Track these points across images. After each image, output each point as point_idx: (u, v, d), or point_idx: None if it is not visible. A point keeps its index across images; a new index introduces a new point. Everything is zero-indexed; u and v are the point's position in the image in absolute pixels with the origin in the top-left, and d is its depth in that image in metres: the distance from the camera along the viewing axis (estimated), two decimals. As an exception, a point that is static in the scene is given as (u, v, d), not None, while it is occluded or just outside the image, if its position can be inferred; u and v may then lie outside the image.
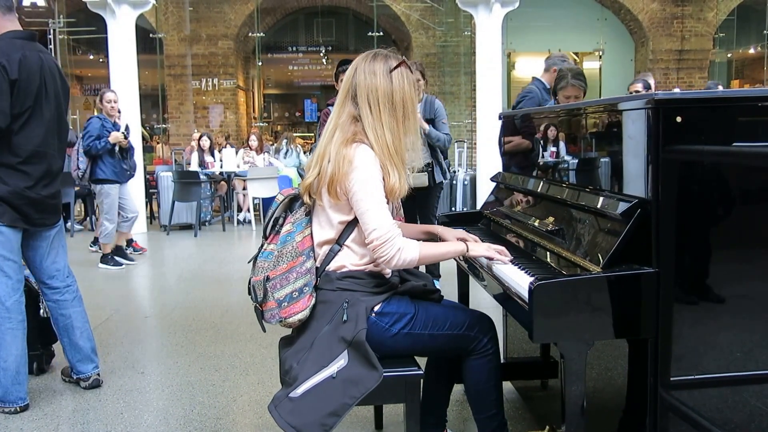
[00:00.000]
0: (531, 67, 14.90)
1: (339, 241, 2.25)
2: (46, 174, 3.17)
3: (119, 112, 6.92)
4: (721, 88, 6.49)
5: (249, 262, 2.35)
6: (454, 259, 2.59)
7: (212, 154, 10.58)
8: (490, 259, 2.31)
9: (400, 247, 2.15)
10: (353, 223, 2.22)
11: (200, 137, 10.70)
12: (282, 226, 2.30)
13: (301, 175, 4.97)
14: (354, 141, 2.18)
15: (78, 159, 6.67)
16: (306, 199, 2.28)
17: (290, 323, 2.22)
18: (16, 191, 3.07)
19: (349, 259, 2.24)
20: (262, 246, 2.33)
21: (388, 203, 2.21)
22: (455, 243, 2.38)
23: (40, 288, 3.43)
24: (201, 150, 10.53)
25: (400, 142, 2.23)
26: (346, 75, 2.29)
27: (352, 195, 2.16)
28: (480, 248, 2.34)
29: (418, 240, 2.32)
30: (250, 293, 2.29)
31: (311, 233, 2.29)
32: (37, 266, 3.34)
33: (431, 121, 5.13)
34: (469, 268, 2.62)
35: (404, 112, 2.24)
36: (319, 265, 2.27)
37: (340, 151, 2.17)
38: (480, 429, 2.34)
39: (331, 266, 2.25)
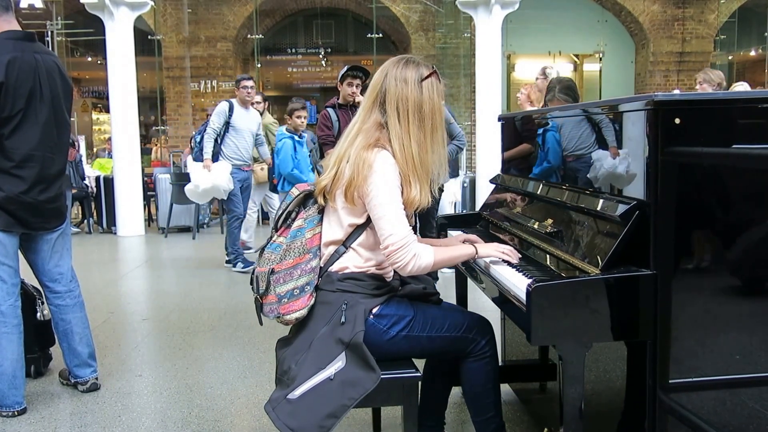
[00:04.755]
0: (531, 69, 14.93)
1: (345, 243, 2.24)
2: (43, 178, 3.12)
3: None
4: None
5: (255, 252, 2.34)
6: None
7: None
8: (499, 259, 2.29)
9: (416, 253, 2.14)
10: (362, 227, 2.22)
11: None
12: (294, 220, 2.29)
13: (319, 172, 5.03)
14: (376, 146, 2.17)
15: None
16: (320, 200, 2.28)
17: (287, 320, 2.22)
18: (10, 196, 3.03)
19: (352, 261, 2.24)
20: (271, 237, 2.32)
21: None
22: (465, 246, 2.37)
23: (43, 291, 3.41)
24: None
25: (427, 154, 2.20)
26: (375, 79, 2.26)
27: (369, 200, 2.14)
28: (489, 248, 2.32)
29: None
30: (252, 283, 2.28)
31: (321, 232, 2.29)
32: (39, 269, 3.32)
33: None
34: (468, 271, 2.62)
35: (433, 124, 2.21)
36: (322, 265, 2.27)
37: (360, 155, 2.15)
38: (478, 431, 2.33)
39: (334, 267, 2.24)
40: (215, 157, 6.48)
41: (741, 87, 6.49)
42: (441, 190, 5.44)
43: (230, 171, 6.45)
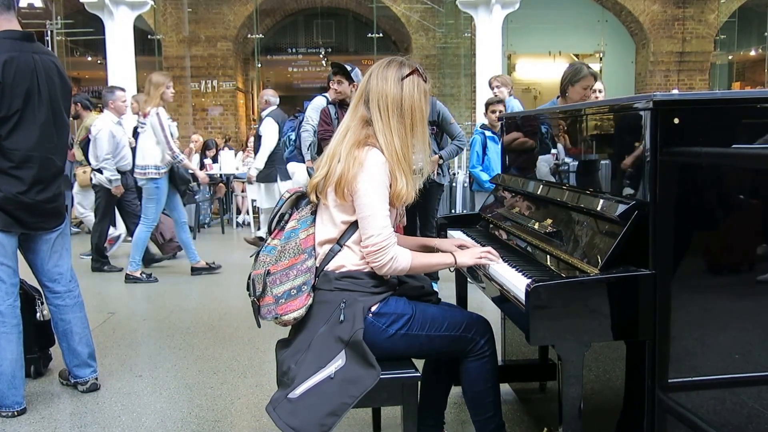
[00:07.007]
0: (531, 69, 14.94)
1: (340, 241, 2.25)
2: (41, 178, 3.11)
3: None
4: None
5: (251, 257, 2.36)
6: None
7: (215, 159, 10.60)
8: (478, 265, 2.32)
9: (393, 256, 2.18)
10: (356, 224, 2.24)
11: (204, 145, 10.74)
12: (287, 222, 2.31)
13: (309, 174, 4.95)
14: (366, 144, 2.20)
15: None
16: (312, 197, 2.30)
17: (285, 321, 2.22)
18: (9, 197, 3.02)
19: (348, 260, 2.24)
20: (265, 241, 2.34)
21: (392, 208, 2.22)
22: (444, 255, 2.40)
23: (42, 291, 3.41)
24: (202, 153, 10.56)
25: (408, 149, 2.25)
26: (363, 80, 2.33)
27: (357, 198, 2.17)
28: (466, 257, 2.35)
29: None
30: (248, 288, 2.29)
31: (314, 232, 2.30)
32: (38, 269, 3.32)
33: (435, 124, 5.12)
34: (468, 271, 2.62)
35: (412, 119, 2.25)
36: (318, 265, 2.27)
37: (352, 153, 2.19)
38: (478, 431, 2.34)
39: (330, 266, 2.25)
40: (294, 157, 6.13)
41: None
42: (441, 190, 5.43)
43: None
